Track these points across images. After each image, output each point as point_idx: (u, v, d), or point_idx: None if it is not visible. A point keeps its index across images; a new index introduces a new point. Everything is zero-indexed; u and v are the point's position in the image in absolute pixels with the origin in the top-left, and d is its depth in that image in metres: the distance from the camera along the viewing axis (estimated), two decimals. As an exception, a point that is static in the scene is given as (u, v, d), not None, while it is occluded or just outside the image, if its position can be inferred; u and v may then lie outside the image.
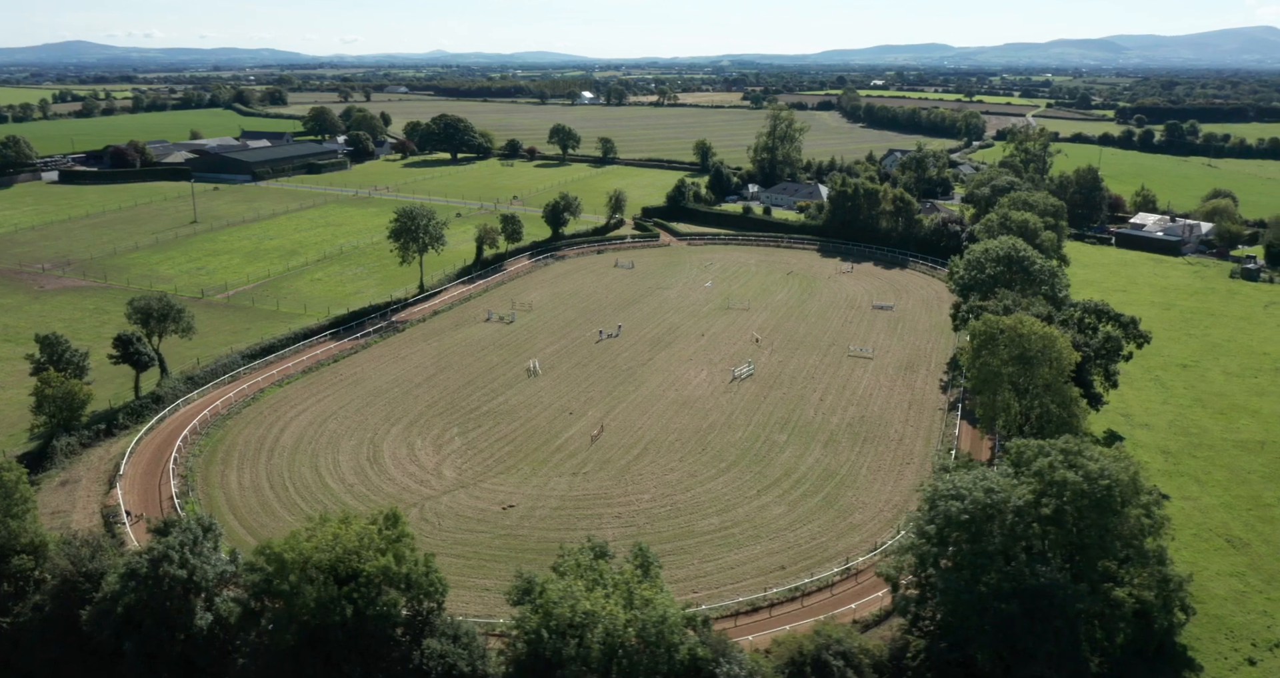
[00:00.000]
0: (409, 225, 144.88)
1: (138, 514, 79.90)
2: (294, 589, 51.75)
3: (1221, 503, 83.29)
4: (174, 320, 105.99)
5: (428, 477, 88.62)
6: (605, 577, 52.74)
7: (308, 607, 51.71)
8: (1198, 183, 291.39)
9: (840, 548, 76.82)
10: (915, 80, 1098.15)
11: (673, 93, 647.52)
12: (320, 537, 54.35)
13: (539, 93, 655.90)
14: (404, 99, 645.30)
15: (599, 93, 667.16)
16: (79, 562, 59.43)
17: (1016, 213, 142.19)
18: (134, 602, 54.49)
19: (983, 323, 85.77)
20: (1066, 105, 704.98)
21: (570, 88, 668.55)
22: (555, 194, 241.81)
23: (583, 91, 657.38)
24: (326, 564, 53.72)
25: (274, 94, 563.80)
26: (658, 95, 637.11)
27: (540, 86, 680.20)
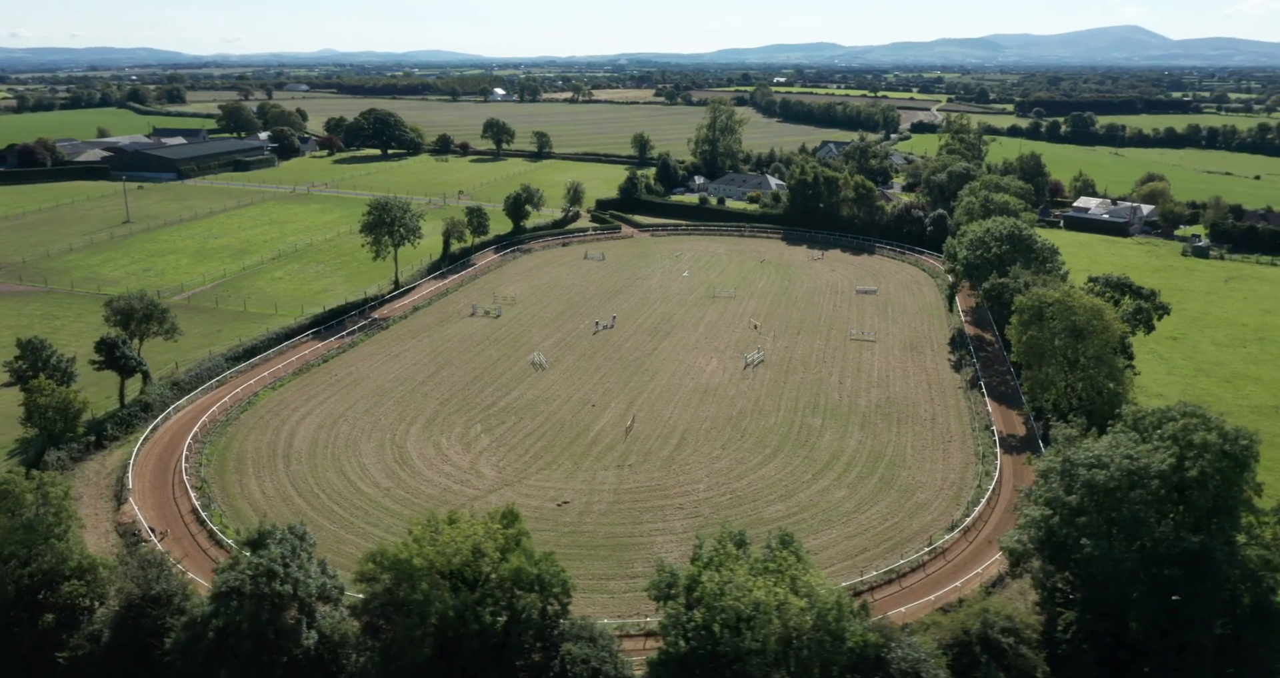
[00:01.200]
0: (383, 218, 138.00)
1: (162, 530, 72.77)
2: (427, 598, 47.07)
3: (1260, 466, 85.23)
4: (158, 321, 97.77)
5: (467, 476, 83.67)
6: (763, 566, 49.62)
7: (445, 617, 47.11)
8: (1112, 169, 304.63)
9: (915, 528, 75.52)
10: (814, 78, 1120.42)
11: (587, 90, 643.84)
12: (444, 540, 49.70)
13: (449, 90, 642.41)
14: (308, 97, 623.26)
15: (510, 90, 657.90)
16: (146, 584, 53.06)
17: (997, 195, 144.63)
18: (226, 624, 48.77)
19: (1029, 297, 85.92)
20: (965, 100, 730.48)
21: (482, 85, 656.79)
22: (499, 188, 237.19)
23: (495, 88, 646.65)
24: (453, 569, 49.24)
25: (172, 92, 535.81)
26: (572, 92, 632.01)
27: (450, 84, 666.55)
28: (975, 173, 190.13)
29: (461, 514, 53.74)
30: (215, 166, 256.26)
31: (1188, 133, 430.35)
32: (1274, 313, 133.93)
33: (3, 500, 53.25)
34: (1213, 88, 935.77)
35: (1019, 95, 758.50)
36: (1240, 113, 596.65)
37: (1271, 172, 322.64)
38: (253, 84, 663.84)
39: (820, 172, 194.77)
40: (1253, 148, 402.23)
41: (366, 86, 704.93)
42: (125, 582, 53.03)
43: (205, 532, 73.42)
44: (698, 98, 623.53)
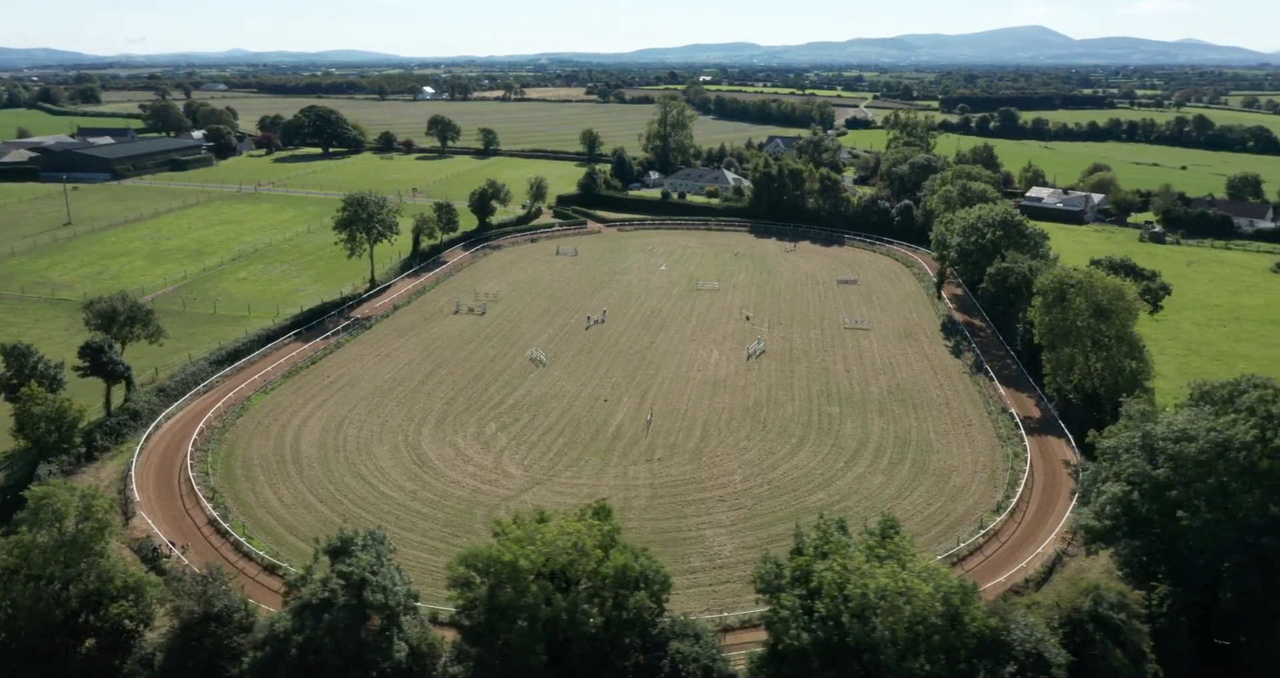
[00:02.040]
0: (359, 214, 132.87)
1: (182, 544, 67.98)
2: (539, 601, 44.36)
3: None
4: (142, 324, 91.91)
5: (494, 476, 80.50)
6: (874, 552, 48.19)
7: (555, 620, 44.46)
8: (1047, 161, 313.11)
9: (960, 512, 75.21)
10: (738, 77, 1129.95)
11: (518, 88, 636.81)
12: (545, 539, 47.00)
13: (376, 89, 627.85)
14: (228, 96, 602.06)
15: (440, 88, 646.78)
16: (207, 601, 49.05)
17: (975, 184, 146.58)
18: (309, 640, 45.30)
19: (1051, 278, 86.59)
20: (890, 97, 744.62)
21: (410, 83, 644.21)
22: (452, 185, 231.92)
23: (424, 87, 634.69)
24: (557, 569, 46.62)
25: (86, 92, 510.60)
26: (504, 90, 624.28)
27: (377, 82, 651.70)
28: (938, 164, 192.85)
29: (551, 512, 51.12)
30: (151, 166, 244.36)
31: (1109, 127, 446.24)
32: (1242, 293, 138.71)
33: (42, 514, 48.52)
34: (1119, 85, 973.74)
35: (940, 93, 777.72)
36: (1152, 108, 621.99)
37: (1194, 162, 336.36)
38: (168, 84, 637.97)
39: (785, 165, 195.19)
40: (1171, 140, 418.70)
41: (289, 86, 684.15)
42: (184, 599, 48.91)
43: (229, 543, 68.89)
44: (630, 96, 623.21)
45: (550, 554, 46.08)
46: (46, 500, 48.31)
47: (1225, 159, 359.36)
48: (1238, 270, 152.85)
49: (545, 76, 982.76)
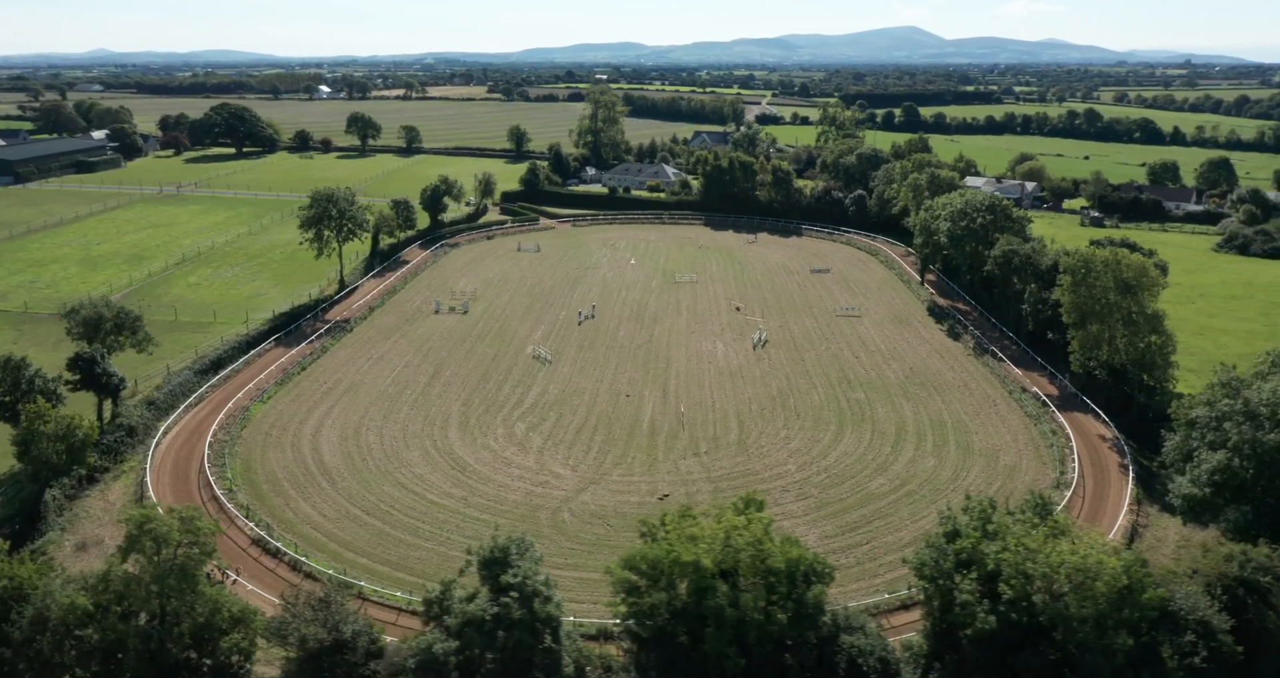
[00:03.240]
0: (327, 211, 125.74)
1: (234, 567, 62.09)
2: (728, 601, 41.67)
3: None
4: (130, 332, 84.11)
5: (544, 478, 76.77)
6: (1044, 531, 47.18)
7: (749, 619, 41.86)
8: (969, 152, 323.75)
9: (1021, 490, 75.25)
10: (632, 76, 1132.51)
11: (420, 87, 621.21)
12: (711, 535, 44.27)
13: (268, 88, 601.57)
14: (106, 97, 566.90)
15: (336, 87, 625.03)
16: (335, 627, 44.48)
17: (944, 172, 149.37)
18: (470, 659, 41.49)
19: (1077, 257, 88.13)
20: (788, 94, 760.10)
21: (305, 82, 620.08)
22: (385, 184, 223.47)
23: (320, 86, 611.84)
24: (729, 567, 43.99)
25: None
26: (404, 89, 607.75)
27: (268, 81, 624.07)
28: (884, 156, 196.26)
29: (695, 508, 48.34)
30: (56, 169, 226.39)
31: (1004, 120, 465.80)
32: (1196, 272, 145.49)
33: (144, 541, 42.93)
34: (997, 82, 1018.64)
35: (834, 90, 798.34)
36: (1036, 103, 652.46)
37: (1094, 152, 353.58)
38: (38, 84, 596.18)
39: (736, 158, 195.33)
40: (1064, 133, 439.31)
41: (171, 86, 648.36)
42: (312, 627, 44.08)
43: (284, 564, 63.40)
44: (535, 94, 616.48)
45: (733, 551, 43.35)
46: (150, 526, 42.62)
47: (1117, 149, 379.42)
48: (1182, 251, 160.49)
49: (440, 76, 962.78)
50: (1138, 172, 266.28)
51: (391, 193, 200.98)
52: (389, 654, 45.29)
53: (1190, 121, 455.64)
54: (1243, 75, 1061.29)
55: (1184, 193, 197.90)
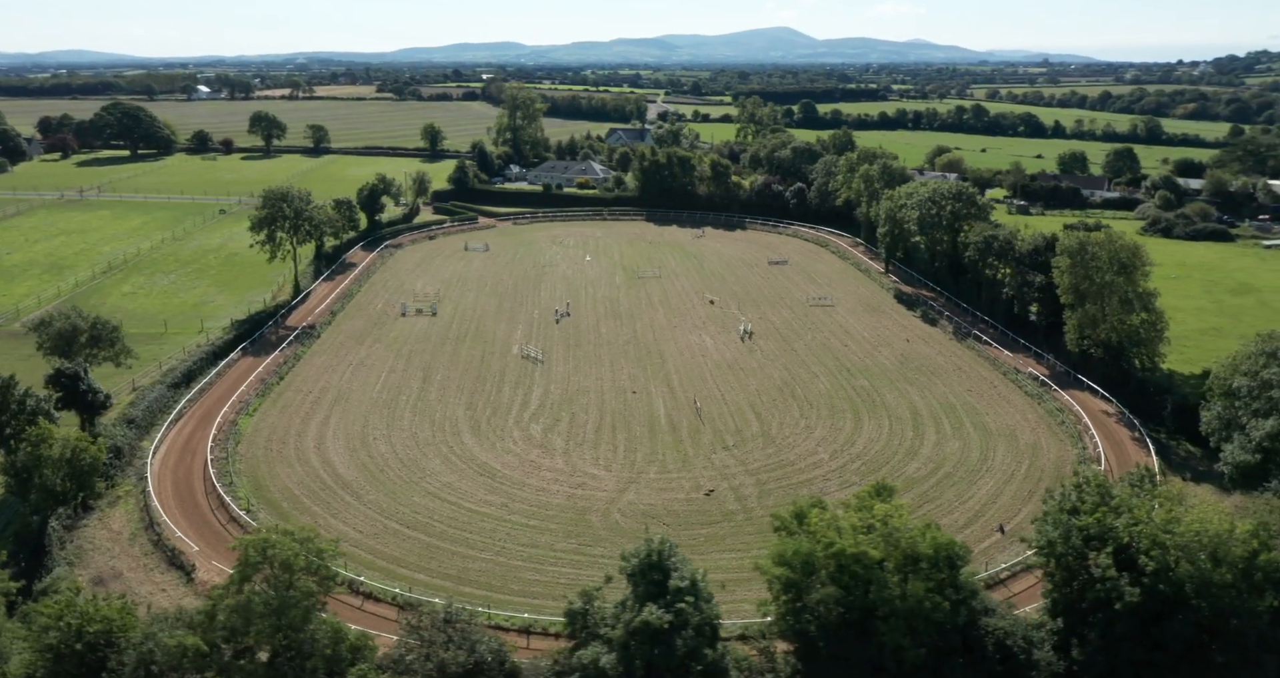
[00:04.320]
0: (281, 211, 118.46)
1: (288, 592, 57.12)
2: (898, 592, 40.47)
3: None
4: (108, 344, 76.90)
5: (581, 480, 74.01)
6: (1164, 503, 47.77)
7: (921, 607, 40.74)
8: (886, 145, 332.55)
9: (1051, 467, 76.94)
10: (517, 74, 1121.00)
11: (307, 86, 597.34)
12: (853, 526, 42.98)
13: (142, 88, 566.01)
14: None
15: (216, 87, 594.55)
16: (471, 648, 41.21)
17: (895, 163, 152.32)
18: (627, 671, 39.09)
19: (1073, 239, 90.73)
20: (681, 93, 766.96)
21: (182, 82, 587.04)
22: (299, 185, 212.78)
23: (199, 85, 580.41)
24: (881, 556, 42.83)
25: None
26: (290, 88, 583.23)
27: (140, 81, 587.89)
28: (818, 149, 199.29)
29: (826, 500, 46.98)
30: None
31: (896, 116, 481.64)
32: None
33: (266, 568, 38.55)
34: (874, 80, 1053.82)
35: (723, 89, 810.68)
36: (916, 99, 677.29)
37: (988, 146, 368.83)
38: None
39: (674, 153, 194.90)
40: (953, 127, 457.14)
41: (31, 88, 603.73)
42: (449, 651, 40.60)
43: (338, 586, 58.66)
44: (428, 93, 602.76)
45: (894, 542, 42.12)
46: (273, 550, 38.26)
47: (1006, 142, 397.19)
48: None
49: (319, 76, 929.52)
50: (1035, 163, 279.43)
51: (317, 194, 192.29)
52: (526, 673, 42.26)
53: (1063, 116, 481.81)
54: (1097, 73, 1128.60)
55: (1098, 181, 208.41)
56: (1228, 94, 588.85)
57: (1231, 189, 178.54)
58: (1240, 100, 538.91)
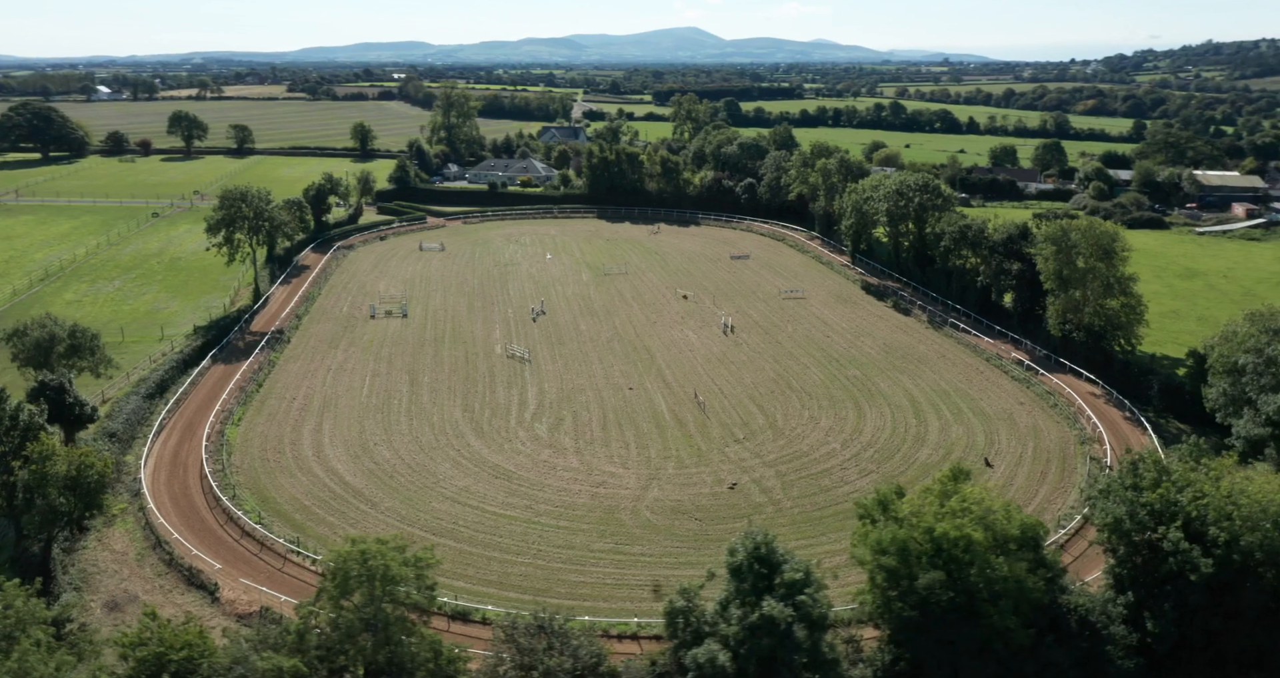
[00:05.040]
0: (241, 212, 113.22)
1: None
2: (1007, 576, 40.51)
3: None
4: (89, 353, 72.09)
5: (600, 478, 72.60)
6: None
7: (1024, 587, 40.87)
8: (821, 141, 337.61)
9: (1056, 449, 78.71)
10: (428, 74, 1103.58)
11: (215, 86, 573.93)
12: (937, 511, 42.93)
13: (36, 89, 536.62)
14: None
15: (116, 87, 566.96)
16: (574, 653, 39.74)
17: (854, 157, 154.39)
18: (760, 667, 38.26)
19: (1056, 227, 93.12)
20: (601, 92, 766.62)
21: (80, 82, 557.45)
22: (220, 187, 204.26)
23: (99, 87, 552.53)
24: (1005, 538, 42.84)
25: None
26: (198, 88, 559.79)
27: (34, 82, 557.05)
28: (764, 145, 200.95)
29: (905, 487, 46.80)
30: None
31: (817, 114, 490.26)
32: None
33: (358, 583, 36.18)
34: (785, 79, 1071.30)
35: (640, 87, 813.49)
36: (831, 97, 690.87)
37: (909, 142, 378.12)
38: None
39: (623, 150, 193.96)
40: (872, 124, 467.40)
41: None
42: (555, 658, 38.97)
43: (375, 598, 56.05)
44: (343, 93, 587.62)
45: (987, 522, 42.12)
46: (374, 562, 35.91)
47: (926, 138, 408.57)
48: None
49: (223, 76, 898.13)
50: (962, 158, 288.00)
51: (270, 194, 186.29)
52: (624, 675, 40.90)
53: (975, 112, 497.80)
54: (995, 71, 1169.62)
55: (1031, 174, 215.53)
56: (1124, 91, 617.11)
57: (1159, 179, 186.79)
58: (1135, 97, 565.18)
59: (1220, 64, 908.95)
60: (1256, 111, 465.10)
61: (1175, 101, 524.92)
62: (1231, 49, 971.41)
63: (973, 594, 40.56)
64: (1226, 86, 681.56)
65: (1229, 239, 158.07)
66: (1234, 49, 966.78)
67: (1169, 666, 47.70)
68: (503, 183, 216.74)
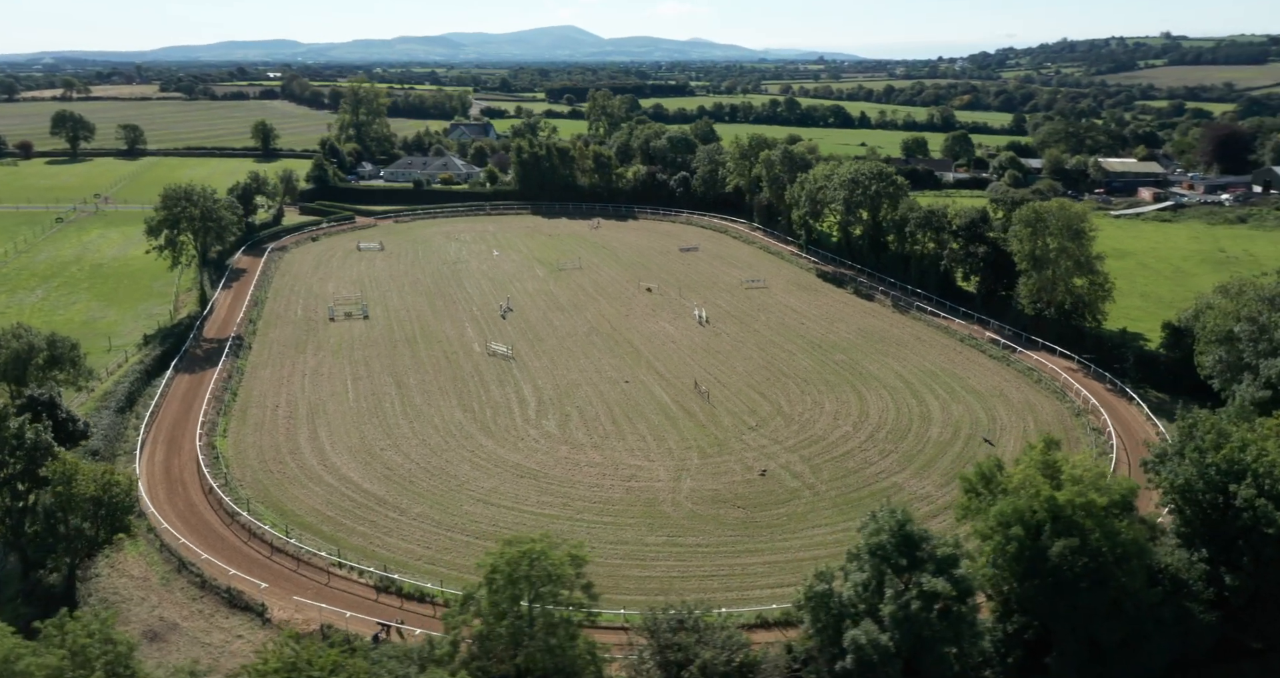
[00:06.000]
0: (187, 212, 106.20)
1: (398, 620, 51.42)
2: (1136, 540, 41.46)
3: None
4: (70, 365, 66.17)
5: (630, 471, 71.26)
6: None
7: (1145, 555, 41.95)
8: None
9: (1054, 422, 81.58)
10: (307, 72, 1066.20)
11: (82, 86, 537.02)
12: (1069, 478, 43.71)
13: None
14: None
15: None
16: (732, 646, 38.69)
17: (797, 148, 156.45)
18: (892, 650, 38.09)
19: (1030, 209, 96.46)
20: (491, 90, 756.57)
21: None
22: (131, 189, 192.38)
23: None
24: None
25: None
26: (64, 88, 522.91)
27: None
28: (693, 139, 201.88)
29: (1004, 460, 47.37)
30: None
31: (714, 110, 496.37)
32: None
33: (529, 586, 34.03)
34: (671, 77, 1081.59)
35: (530, 85, 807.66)
36: (720, 94, 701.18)
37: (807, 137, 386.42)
38: None
39: (554, 145, 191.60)
40: (768, 120, 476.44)
41: None
42: (709, 651, 37.74)
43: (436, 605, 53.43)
44: (222, 92, 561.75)
45: (1097, 488, 42.98)
46: (542, 561, 33.72)
47: (823, 133, 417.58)
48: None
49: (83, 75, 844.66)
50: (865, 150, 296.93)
51: (148, 198, 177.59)
52: (765, 665, 40.01)
53: (865, 108, 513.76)
54: (869, 69, 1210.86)
55: (945, 164, 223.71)
56: (995, 87, 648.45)
57: (1067, 167, 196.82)
58: (1007, 92, 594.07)
59: (1076, 60, 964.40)
60: (1116, 104, 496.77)
61: (1043, 96, 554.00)
62: (1085, 47, 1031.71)
63: (1099, 558, 41.30)
64: (1085, 81, 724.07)
65: (1143, 221, 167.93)
66: (1087, 47, 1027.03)
67: (1243, 619, 50.02)
68: (426, 181, 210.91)
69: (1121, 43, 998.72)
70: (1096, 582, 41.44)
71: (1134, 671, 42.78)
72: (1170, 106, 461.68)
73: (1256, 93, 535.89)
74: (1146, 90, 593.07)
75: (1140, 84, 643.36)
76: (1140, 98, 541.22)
